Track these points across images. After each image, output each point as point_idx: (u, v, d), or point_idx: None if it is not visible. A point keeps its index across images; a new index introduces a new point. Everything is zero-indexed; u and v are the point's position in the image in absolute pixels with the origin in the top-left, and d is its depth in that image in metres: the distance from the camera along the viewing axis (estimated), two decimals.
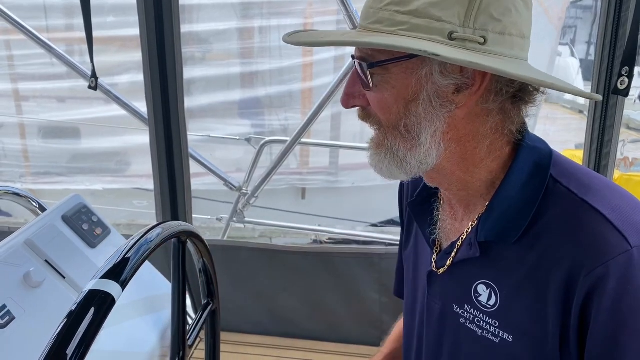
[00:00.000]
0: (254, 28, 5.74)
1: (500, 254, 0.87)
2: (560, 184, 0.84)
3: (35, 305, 1.11)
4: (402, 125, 0.84)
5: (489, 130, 0.86)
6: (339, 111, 5.65)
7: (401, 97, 0.82)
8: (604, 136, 1.67)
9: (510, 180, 0.87)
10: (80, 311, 0.72)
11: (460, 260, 0.93)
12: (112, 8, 4.98)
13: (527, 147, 0.88)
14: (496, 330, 0.88)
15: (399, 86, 0.82)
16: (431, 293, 1.00)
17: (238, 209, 3.12)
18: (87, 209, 1.42)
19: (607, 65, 1.60)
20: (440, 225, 0.99)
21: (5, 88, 5.89)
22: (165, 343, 1.35)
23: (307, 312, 2.43)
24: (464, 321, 0.93)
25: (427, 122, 0.83)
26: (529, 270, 0.83)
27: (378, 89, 0.83)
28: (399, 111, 0.83)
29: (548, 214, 0.83)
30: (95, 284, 0.77)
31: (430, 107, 0.82)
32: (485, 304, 0.90)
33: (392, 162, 0.86)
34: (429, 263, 1.01)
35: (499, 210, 0.86)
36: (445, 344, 0.98)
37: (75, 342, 0.66)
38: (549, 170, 0.86)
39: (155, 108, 2.12)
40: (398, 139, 0.85)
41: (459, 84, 0.81)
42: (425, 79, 0.81)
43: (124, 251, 0.89)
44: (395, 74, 0.81)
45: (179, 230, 1.06)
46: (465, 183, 0.90)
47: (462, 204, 0.94)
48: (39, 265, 1.18)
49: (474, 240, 0.89)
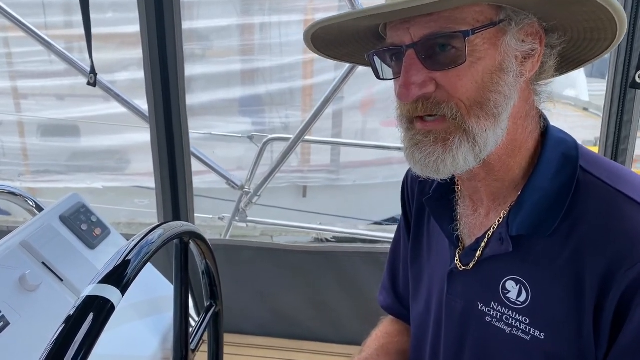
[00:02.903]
0: (255, 25, 5.72)
1: (531, 248, 0.84)
2: (591, 175, 0.83)
3: (31, 310, 1.06)
4: (490, 101, 0.79)
5: (529, 108, 0.85)
6: (340, 108, 5.63)
7: (489, 69, 0.78)
8: (621, 132, 1.63)
9: (541, 171, 0.85)
10: (77, 319, 0.68)
11: (489, 256, 0.89)
12: (111, 4, 4.95)
13: (553, 137, 0.87)
14: (527, 327, 0.85)
15: (486, 57, 0.78)
16: (451, 292, 0.96)
17: (240, 208, 3.09)
18: (86, 209, 1.38)
19: (625, 58, 1.56)
20: (462, 221, 0.96)
21: (4, 86, 5.87)
22: (167, 346, 1.33)
23: (311, 313, 2.40)
24: (490, 319, 0.90)
25: (508, 96, 0.80)
26: (563, 262, 0.81)
27: (468, 63, 0.77)
28: (488, 85, 0.78)
29: (582, 205, 0.81)
30: (93, 289, 0.73)
31: (511, 78, 0.79)
32: (515, 301, 0.86)
33: (471, 148, 0.80)
34: (448, 261, 0.97)
35: (531, 202, 0.84)
36: (468, 345, 0.94)
37: (72, 354, 0.62)
38: (578, 161, 0.84)
39: (156, 105, 2.09)
40: (481, 119, 0.79)
41: (527, 51, 0.79)
42: (507, 47, 0.78)
43: (124, 253, 0.85)
44: (480, 45, 0.77)
45: (182, 231, 1.03)
46: (506, 170, 0.87)
47: (491, 197, 0.91)
48: (36, 267, 1.13)
49: (505, 235, 0.86)
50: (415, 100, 0.80)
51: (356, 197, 6.09)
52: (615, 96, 1.63)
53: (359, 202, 6.04)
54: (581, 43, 0.84)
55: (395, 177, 5.81)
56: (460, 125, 0.79)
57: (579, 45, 0.85)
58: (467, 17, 0.76)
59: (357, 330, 2.43)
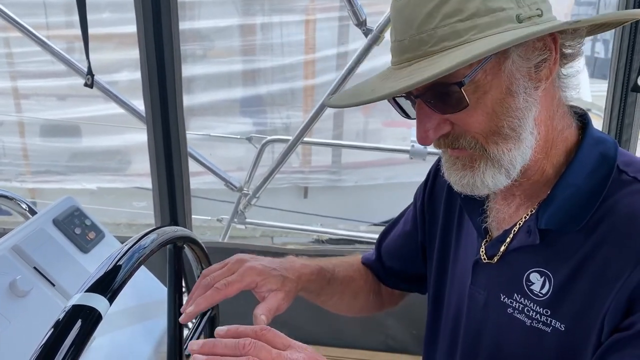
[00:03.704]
0: (256, 25, 5.71)
1: (558, 242, 0.87)
2: (627, 174, 0.84)
3: (21, 315, 1.05)
4: (505, 127, 0.82)
5: (557, 103, 0.87)
6: (340, 109, 5.60)
7: (497, 98, 0.81)
8: (622, 135, 1.62)
9: (575, 168, 0.86)
10: (63, 329, 0.66)
11: (516, 247, 0.92)
12: (108, 4, 4.94)
13: (591, 136, 0.89)
14: (547, 319, 0.87)
15: (492, 89, 0.81)
16: (475, 283, 0.99)
17: (239, 210, 3.08)
18: (80, 212, 1.36)
19: (626, 60, 1.55)
20: (492, 214, 0.98)
21: (4, 86, 5.85)
22: (161, 350, 1.31)
23: (309, 316, 2.38)
24: (512, 311, 0.92)
25: (527, 111, 0.82)
26: (587, 253, 0.83)
27: (473, 102, 0.80)
28: (499, 113, 0.82)
29: (612, 201, 0.83)
30: (80, 297, 0.72)
31: (525, 94, 0.81)
32: (538, 293, 0.88)
33: (497, 171, 0.84)
34: (474, 252, 1.00)
35: (562, 197, 0.86)
36: (486, 335, 0.97)
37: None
38: (616, 160, 0.86)
39: (153, 106, 2.07)
40: (500, 144, 0.83)
41: (539, 61, 0.81)
42: (512, 69, 0.80)
43: (115, 258, 0.85)
44: (482, 79, 0.80)
45: (175, 236, 1.03)
46: (541, 171, 0.89)
47: (525, 193, 0.93)
48: (27, 272, 1.12)
49: (533, 227, 0.88)
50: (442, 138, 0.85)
51: (357, 198, 6.08)
52: (617, 99, 1.62)
53: (361, 203, 6.03)
54: None
55: (397, 178, 5.80)
56: (482, 153, 0.84)
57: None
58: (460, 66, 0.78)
59: (355, 333, 2.43)
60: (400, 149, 3.28)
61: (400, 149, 3.28)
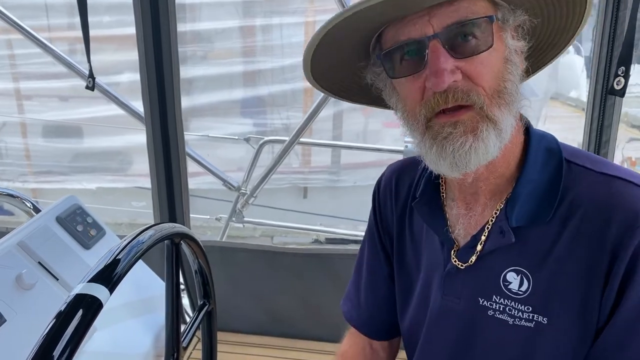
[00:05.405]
0: (256, 26, 5.72)
1: (530, 238, 0.88)
2: (575, 164, 0.88)
3: (27, 307, 1.10)
4: (507, 88, 0.82)
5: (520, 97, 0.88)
6: (340, 110, 5.62)
7: (500, 58, 0.82)
8: (602, 136, 1.66)
9: (530, 164, 0.89)
10: (67, 316, 0.72)
11: (491, 250, 0.91)
12: (108, 7, 4.96)
13: (535, 134, 0.92)
14: (530, 315, 0.87)
15: (498, 48, 0.81)
16: (448, 292, 0.97)
17: (237, 209, 3.12)
18: (82, 210, 1.42)
19: (605, 64, 1.60)
20: (459, 221, 0.96)
21: (7, 87, 5.88)
22: (160, 344, 1.35)
23: (306, 313, 2.42)
24: (493, 312, 0.91)
25: (518, 85, 0.84)
26: (566, 244, 0.84)
27: (487, 50, 0.79)
28: (503, 73, 0.82)
29: (573, 191, 0.85)
30: (82, 287, 0.77)
31: (517, 71, 0.84)
32: (517, 291, 0.88)
33: (497, 136, 0.81)
34: (441, 263, 0.98)
35: (525, 193, 0.88)
36: (472, 341, 0.95)
37: (61, 347, 0.66)
38: (562, 153, 0.89)
39: (151, 107, 2.10)
40: (501, 107, 0.81)
41: (521, 47, 0.84)
42: (509, 42, 0.83)
43: (115, 252, 0.89)
44: (491, 33, 0.80)
45: (172, 232, 1.06)
46: (506, 166, 0.90)
47: (489, 195, 0.92)
48: (32, 267, 1.17)
49: (506, 227, 0.88)
50: (443, 91, 0.79)
51: (357, 198, 6.07)
52: (597, 102, 1.66)
53: (360, 203, 6.00)
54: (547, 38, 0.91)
55: None
56: (485, 114, 0.80)
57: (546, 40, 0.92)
58: (479, 10, 0.80)
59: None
60: (394, 149, 3.30)
61: (394, 149, 3.30)
